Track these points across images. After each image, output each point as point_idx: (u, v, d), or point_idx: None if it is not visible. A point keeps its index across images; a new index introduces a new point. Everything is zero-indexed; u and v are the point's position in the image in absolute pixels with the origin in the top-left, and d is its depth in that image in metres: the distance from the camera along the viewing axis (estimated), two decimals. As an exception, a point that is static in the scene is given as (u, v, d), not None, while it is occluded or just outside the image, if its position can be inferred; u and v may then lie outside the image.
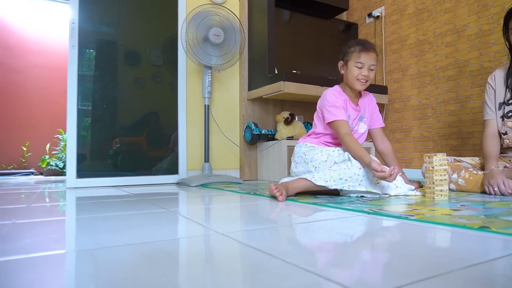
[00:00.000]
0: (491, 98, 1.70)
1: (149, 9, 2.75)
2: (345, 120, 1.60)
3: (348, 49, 1.66)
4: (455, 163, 1.71)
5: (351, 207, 1.16)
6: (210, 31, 2.46)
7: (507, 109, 1.63)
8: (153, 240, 0.74)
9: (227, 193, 1.81)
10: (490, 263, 0.55)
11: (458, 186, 1.62)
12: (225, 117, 2.90)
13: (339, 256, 0.62)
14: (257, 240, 0.74)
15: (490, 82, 1.72)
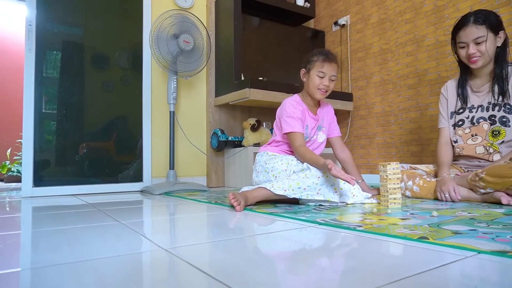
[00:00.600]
0: (444, 107, 1.77)
1: (117, 11, 2.69)
2: (301, 133, 1.63)
3: (311, 57, 1.69)
4: (410, 170, 1.76)
5: (305, 217, 1.17)
6: (180, 38, 2.44)
7: (458, 118, 1.70)
8: (90, 258, 0.71)
9: (187, 202, 1.78)
10: (418, 276, 0.56)
11: (413, 193, 1.67)
12: (191, 123, 2.87)
13: (276, 272, 0.62)
14: (200, 256, 0.73)
15: (443, 92, 1.79)
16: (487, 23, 1.52)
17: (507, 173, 1.32)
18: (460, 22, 1.59)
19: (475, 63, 1.56)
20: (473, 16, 1.54)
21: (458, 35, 1.59)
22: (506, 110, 1.56)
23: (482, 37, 1.52)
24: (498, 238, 0.80)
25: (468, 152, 1.64)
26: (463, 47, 1.58)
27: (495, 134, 1.58)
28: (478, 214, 1.16)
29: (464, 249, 0.72)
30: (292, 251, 0.77)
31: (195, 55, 2.53)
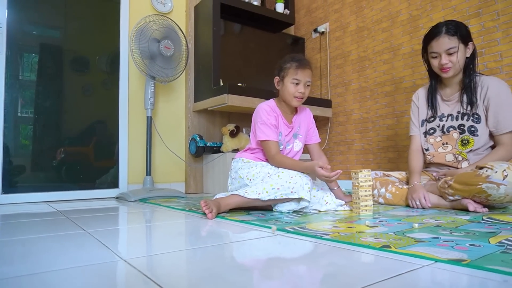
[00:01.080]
0: (416, 115, 1.80)
1: (96, 14, 2.65)
2: (275, 141, 1.61)
3: (284, 65, 1.66)
4: (383, 177, 1.78)
5: (278, 225, 1.16)
6: (162, 43, 2.42)
7: (429, 126, 1.73)
8: (43, 271, 0.69)
9: (161, 209, 1.76)
10: (372, 286, 0.56)
11: (386, 200, 1.69)
12: (170, 129, 2.84)
13: (228, 283, 0.61)
14: (158, 267, 0.71)
15: (415, 100, 1.82)
16: (458, 34, 1.54)
17: (473, 180, 1.34)
18: (432, 32, 1.60)
19: (447, 73, 1.58)
20: (445, 27, 1.56)
21: (431, 45, 1.61)
22: (474, 120, 1.59)
23: (454, 48, 1.54)
24: (457, 246, 0.81)
25: (438, 159, 1.67)
26: (435, 57, 1.60)
27: (464, 143, 1.61)
28: (444, 221, 1.18)
29: (423, 258, 0.72)
30: (255, 260, 0.76)
31: (174, 62, 2.52)
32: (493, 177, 1.29)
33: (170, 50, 2.44)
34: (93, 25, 2.65)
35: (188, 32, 2.91)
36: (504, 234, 0.93)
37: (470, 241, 0.86)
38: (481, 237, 0.91)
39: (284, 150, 1.73)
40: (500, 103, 1.53)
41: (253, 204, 1.48)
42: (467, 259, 0.70)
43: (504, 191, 1.28)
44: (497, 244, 0.82)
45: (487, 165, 1.33)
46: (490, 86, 1.56)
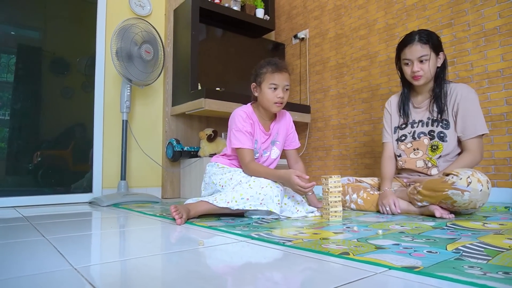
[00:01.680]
0: (388, 122, 1.82)
1: (74, 16, 2.60)
2: (250, 149, 1.57)
3: (260, 70, 1.61)
4: (356, 183, 1.79)
5: (241, 231, 1.15)
6: (142, 47, 2.40)
7: (401, 133, 1.75)
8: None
9: (131, 215, 1.72)
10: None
11: (358, 206, 1.70)
12: (147, 132, 2.80)
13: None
14: (109, 275, 0.69)
15: (387, 107, 1.84)
16: (430, 42, 1.57)
17: (440, 187, 1.36)
18: (406, 40, 1.63)
19: (418, 81, 1.61)
20: (418, 35, 1.59)
21: (404, 52, 1.63)
22: (443, 126, 1.62)
23: (426, 56, 1.56)
24: (414, 253, 0.81)
25: (409, 165, 1.69)
26: (408, 64, 1.62)
27: (433, 149, 1.64)
28: (409, 227, 1.19)
29: (377, 265, 0.72)
30: (208, 267, 0.75)
31: (152, 66, 2.50)
32: (458, 183, 1.31)
33: (150, 55, 2.42)
34: (73, 26, 2.60)
35: (167, 35, 2.88)
36: (463, 241, 0.94)
37: (428, 247, 0.87)
38: (441, 243, 0.92)
39: (260, 158, 1.69)
40: (467, 109, 1.56)
41: (223, 212, 1.46)
42: (420, 266, 0.70)
43: (468, 198, 1.30)
44: (453, 251, 0.83)
45: (453, 172, 1.35)
46: (459, 93, 1.59)
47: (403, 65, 1.66)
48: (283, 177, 1.43)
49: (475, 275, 0.64)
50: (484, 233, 1.05)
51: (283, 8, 3.52)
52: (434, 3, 2.36)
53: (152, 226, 1.36)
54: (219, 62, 2.98)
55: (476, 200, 1.31)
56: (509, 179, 2.01)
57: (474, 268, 0.68)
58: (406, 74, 1.65)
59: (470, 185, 1.29)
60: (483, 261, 0.74)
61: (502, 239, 0.96)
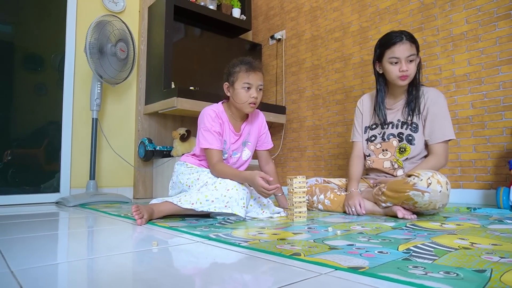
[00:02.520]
0: (359, 121, 1.83)
1: (46, 12, 2.52)
2: (218, 150, 1.55)
3: (233, 69, 1.57)
4: (323, 184, 1.79)
5: (200, 232, 1.13)
6: (118, 45, 2.36)
7: (371, 134, 1.77)
8: None
9: (95, 215, 1.68)
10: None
11: (325, 206, 1.70)
12: (119, 131, 2.74)
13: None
14: (47, 278, 0.66)
15: (359, 106, 1.85)
16: (415, 43, 1.55)
17: (402, 188, 1.38)
18: (393, 38, 1.54)
19: (404, 81, 1.55)
20: (406, 33, 1.55)
21: (391, 50, 1.54)
22: (412, 129, 1.63)
23: (413, 56, 1.53)
24: (365, 254, 0.81)
25: (376, 165, 1.71)
26: (395, 63, 1.54)
27: (401, 151, 1.65)
28: (369, 228, 1.19)
29: (324, 266, 0.72)
30: (151, 268, 0.73)
31: (125, 64, 2.45)
32: (418, 184, 1.33)
33: (124, 53, 2.39)
34: (46, 21, 2.52)
35: (140, 33, 2.84)
36: (416, 241, 0.95)
37: (381, 248, 0.87)
38: (395, 244, 0.92)
39: (230, 159, 1.66)
40: (436, 114, 1.58)
41: (188, 212, 1.44)
42: (365, 267, 0.70)
43: (428, 198, 1.32)
44: (404, 251, 0.83)
45: (414, 173, 1.37)
46: (430, 97, 1.60)
47: (387, 64, 1.57)
48: (248, 178, 1.41)
49: (416, 275, 0.64)
50: (439, 233, 1.07)
51: (260, 9, 3.52)
52: (406, 7, 2.40)
53: (112, 227, 1.33)
54: (194, 61, 2.95)
55: (436, 201, 1.33)
56: (474, 180, 2.06)
57: (418, 268, 0.68)
58: (390, 73, 1.57)
59: (430, 186, 1.31)
60: (429, 261, 0.74)
61: (454, 239, 0.98)
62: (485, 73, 2.02)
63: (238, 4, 3.13)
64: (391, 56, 1.54)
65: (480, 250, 0.85)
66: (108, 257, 0.84)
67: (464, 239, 0.97)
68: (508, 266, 0.69)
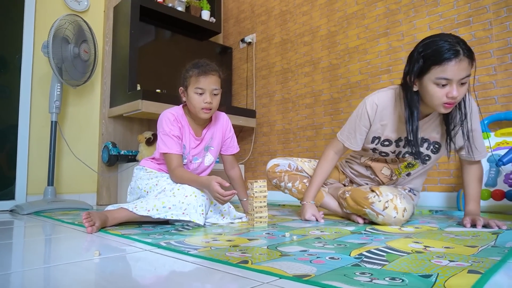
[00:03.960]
0: (362, 130, 1.44)
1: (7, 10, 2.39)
2: (178, 154, 1.48)
3: (186, 73, 1.51)
4: (294, 172, 1.70)
5: (152, 239, 1.07)
6: (81, 47, 2.27)
7: (382, 150, 1.45)
8: None
9: (48, 223, 1.58)
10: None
11: (291, 193, 1.66)
12: (81, 135, 2.63)
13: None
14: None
15: (370, 112, 1.40)
16: (473, 59, 1.13)
17: (361, 202, 1.35)
18: (447, 51, 1.11)
19: (449, 109, 1.19)
20: (464, 45, 1.12)
21: (443, 68, 1.11)
22: (434, 150, 1.38)
23: (468, 78, 1.14)
24: (315, 260, 0.78)
25: (375, 168, 1.53)
26: (443, 85, 1.14)
27: (409, 166, 1.46)
28: (328, 233, 1.17)
29: (270, 274, 0.68)
30: (78, 282, 0.67)
31: (88, 65, 2.36)
32: (375, 205, 1.30)
33: (88, 54, 2.30)
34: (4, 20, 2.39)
35: (105, 33, 2.75)
36: (371, 246, 0.93)
37: (333, 254, 0.84)
38: (349, 248, 0.90)
39: (190, 165, 1.59)
40: (477, 130, 1.32)
41: (145, 219, 1.37)
42: (311, 274, 0.66)
43: (382, 221, 1.30)
44: (355, 257, 0.81)
45: (377, 191, 1.33)
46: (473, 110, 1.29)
47: (430, 83, 1.16)
48: (204, 183, 1.35)
49: (360, 282, 0.61)
50: (397, 237, 1.06)
51: (231, 12, 3.49)
52: (372, 13, 2.42)
53: (60, 236, 1.25)
54: (162, 64, 2.88)
55: (389, 224, 1.30)
56: (437, 183, 2.09)
57: (365, 275, 0.66)
58: (433, 96, 1.16)
59: (386, 210, 1.28)
60: (378, 266, 0.72)
61: (409, 242, 0.96)
62: (447, 78, 2.06)
63: (208, 7, 3.08)
64: (441, 76, 1.12)
65: (432, 253, 0.83)
66: (36, 270, 0.77)
67: (419, 243, 0.96)
68: (455, 270, 0.68)
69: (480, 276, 0.63)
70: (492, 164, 1.70)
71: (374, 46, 2.39)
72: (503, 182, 1.64)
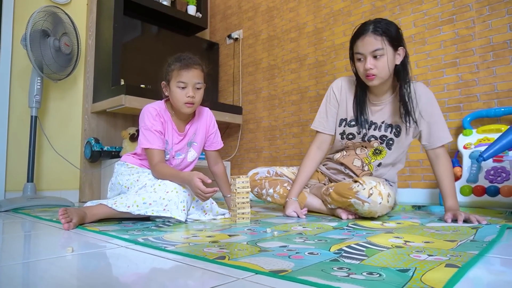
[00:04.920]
0: (332, 109, 1.57)
1: None
2: (160, 150, 1.46)
3: (168, 67, 1.49)
4: (275, 177, 1.70)
5: (130, 236, 1.05)
6: (62, 40, 2.21)
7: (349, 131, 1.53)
8: None
9: (25, 220, 1.54)
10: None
11: (274, 200, 1.64)
12: (63, 131, 2.57)
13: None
14: None
15: (336, 91, 1.56)
16: (386, 34, 1.29)
17: (346, 193, 1.35)
18: (358, 31, 1.35)
19: (371, 81, 1.34)
20: (373, 25, 1.31)
21: (356, 45, 1.35)
22: (396, 133, 1.45)
23: (380, 50, 1.29)
24: (294, 256, 0.77)
25: (346, 161, 1.56)
26: (360, 60, 1.35)
27: (376, 153, 1.50)
28: (310, 228, 1.16)
29: (246, 270, 0.67)
30: (47, 279, 0.65)
31: (70, 59, 2.31)
32: (360, 193, 1.30)
33: (69, 48, 2.24)
34: None
35: (88, 27, 2.69)
36: (352, 241, 0.92)
37: (313, 249, 0.83)
38: (330, 244, 0.89)
39: (172, 160, 1.57)
40: (433, 115, 1.41)
41: (125, 216, 1.34)
42: (288, 270, 0.65)
43: (368, 209, 1.30)
44: (335, 252, 0.80)
45: (360, 180, 1.34)
46: (422, 95, 1.41)
47: (356, 60, 1.38)
48: (186, 179, 1.32)
49: (337, 277, 0.60)
50: (378, 232, 1.05)
51: (218, 7, 3.45)
52: (359, 10, 2.42)
53: (36, 232, 1.21)
54: (147, 59, 2.83)
55: (375, 211, 1.30)
56: (421, 180, 2.10)
57: (342, 270, 0.65)
58: (358, 71, 1.38)
59: (371, 197, 1.28)
60: (356, 261, 0.71)
61: (389, 237, 0.96)
62: (431, 75, 2.08)
63: (194, 1, 3.04)
64: (356, 51, 1.36)
65: (411, 248, 0.83)
66: (4, 268, 0.74)
67: (399, 237, 0.96)
68: (433, 265, 0.67)
69: (457, 270, 0.63)
70: (473, 160, 1.71)
71: (360, 43, 2.39)
72: (484, 178, 1.66)
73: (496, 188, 1.58)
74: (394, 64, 1.35)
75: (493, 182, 1.63)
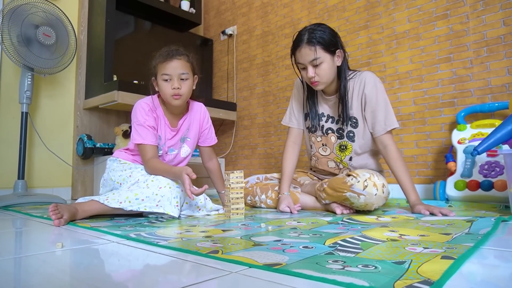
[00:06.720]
0: (298, 105, 1.67)
1: None
2: (153, 145, 1.44)
3: (153, 62, 1.47)
4: (264, 182, 1.71)
5: (122, 231, 1.03)
6: (39, 30, 2.15)
7: (310, 123, 1.62)
8: None
9: (15, 217, 1.51)
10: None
11: (267, 205, 1.65)
12: (55, 127, 2.53)
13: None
14: None
15: (299, 88, 1.67)
16: (321, 44, 1.36)
17: (340, 187, 1.35)
18: (295, 42, 1.42)
19: (317, 86, 1.43)
20: (307, 35, 1.37)
21: (296, 56, 1.43)
22: (353, 124, 1.51)
23: (319, 59, 1.36)
24: (289, 249, 0.76)
25: (322, 166, 1.63)
26: (303, 68, 1.42)
27: (342, 149, 1.55)
28: (305, 223, 1.15)
29: (239, 264, 0.65)
30: (35, 274, 0.63)
31: (56, 52, 2.26)
32: (355, 186, 1.30)
33: (50, 39, 2.18)
34: None
35: (80, 22, 2.65)
36: (347, 235, 0.91)
37: (308, 243, 0.82)
38: (324, 238, 0.88)
39: (166, 156, 1.55)
40: (377, 102, 1.44)
41: (117, 212, 1.32)
42: (282, 263, 0.64)
43: (364, 201, 1.30)
44: (330, 245, 0.79)
45: (353, 173, 1.34)
46: (366, 83, 1.45)
47: (300, 69, 1.46)
48: (177, 174, 1.31)
49: (332, 270, 0.59)
50: (373, 227, 1.05)
51: (212, 3, 3.43)
52: (353, 5, 2.42)
53: (25, 229, 1.19)
54: (140, 55, 2.79)
55: (372, 203, 1.30)
56: (416, 175, 2.10)
57: (337, 263, 0.64)
58: (303, 78, 1.47)
59: (366, 189, 1.28)
60: (352, 254, 0.70)
61: (385, 231, 0.95)
62: (426, 71, 2.07)
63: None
64: (297, 61, 1.44)
65: (406, 241, 0.82)
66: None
67: (394, 231, 0.95)
68: (429, 257, 0.66)
69: (453, 261, 0.62)
70: (467, 155, 1.71)
71: (355, 38, 2.38)
72: (478, 173, 1.66)
73: (490, 183, 1.59)
74: (335, 67, 1.43)
75: (487, 176, 1.63)
